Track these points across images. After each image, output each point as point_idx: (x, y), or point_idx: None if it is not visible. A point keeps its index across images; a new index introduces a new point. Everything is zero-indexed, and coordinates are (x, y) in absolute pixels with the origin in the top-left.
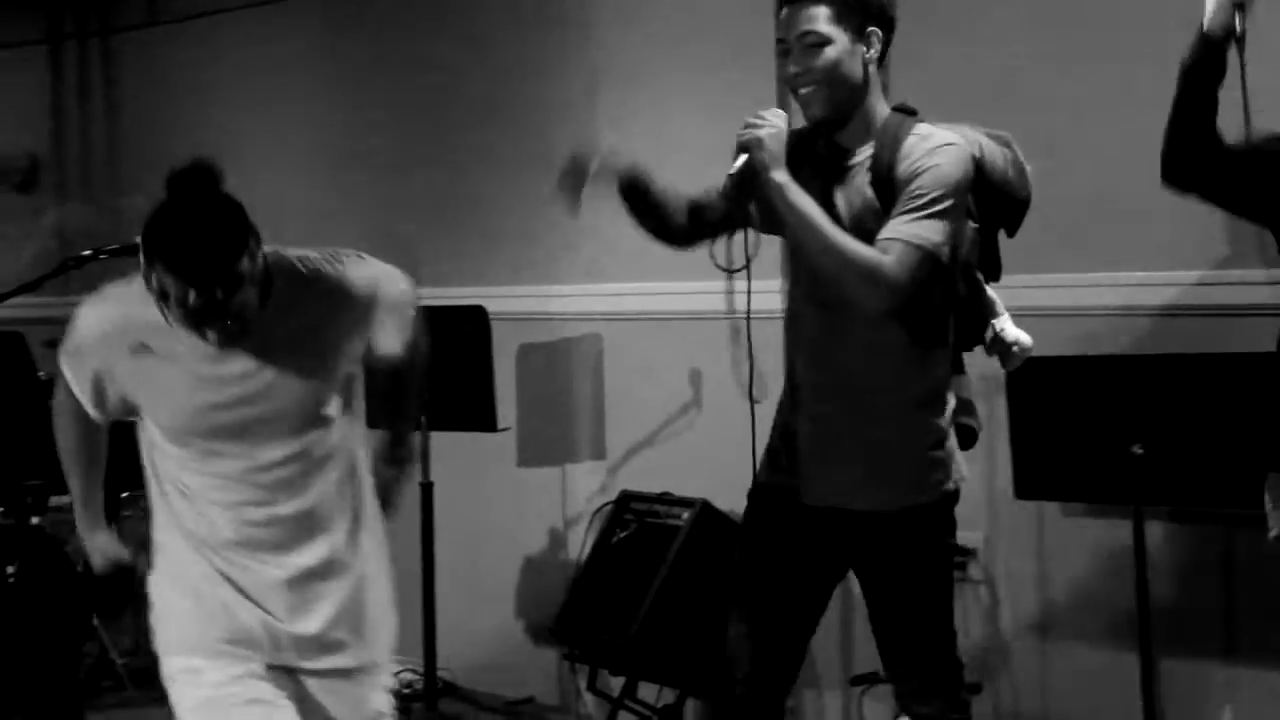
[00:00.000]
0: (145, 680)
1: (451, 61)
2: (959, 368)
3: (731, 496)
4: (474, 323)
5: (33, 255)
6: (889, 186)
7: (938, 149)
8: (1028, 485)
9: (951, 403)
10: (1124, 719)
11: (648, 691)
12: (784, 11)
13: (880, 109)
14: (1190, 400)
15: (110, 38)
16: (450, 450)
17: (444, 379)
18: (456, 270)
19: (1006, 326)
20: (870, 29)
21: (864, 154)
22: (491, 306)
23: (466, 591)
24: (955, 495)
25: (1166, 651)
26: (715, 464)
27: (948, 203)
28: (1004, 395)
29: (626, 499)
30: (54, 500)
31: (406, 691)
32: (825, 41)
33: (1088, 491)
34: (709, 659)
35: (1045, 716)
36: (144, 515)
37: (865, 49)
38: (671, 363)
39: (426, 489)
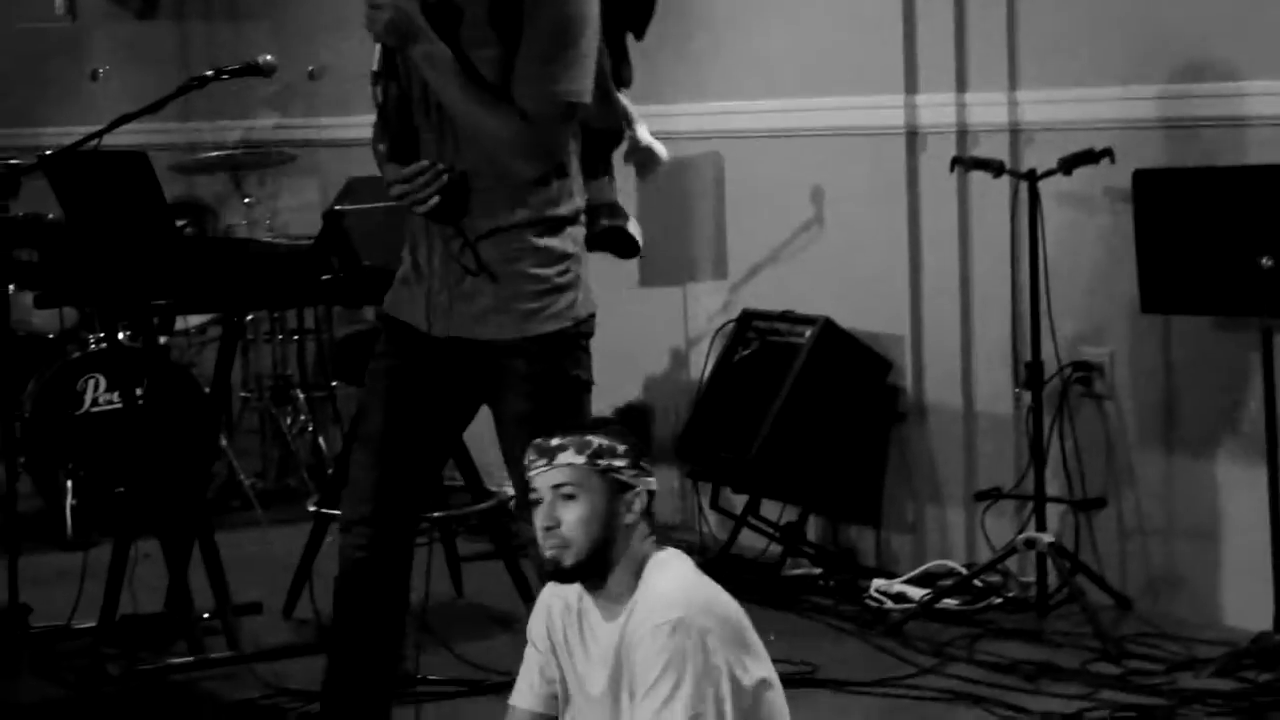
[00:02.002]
0: (271, 500)
1: None
2: (598, 171)
3: (854, 314)
4: None
5: None
6: (513, 15)
7: None
8: (1154, 299)
9: (576, 225)
10: (1250, 532)
11: (770, 509)
12: None
13: None
14: None
15: None
16: None
17: None
18: None
19: (641, 134)
20: None
21: None
22: None
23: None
24: (583, 324)
25: None
26: (837, 282)
27: (584, 36)
28: (1130, 207)
29: (748, 317)
30: (180, 323)
31: None
32: None
33: (1215, 304)
34: (831, 476)
35: (1170, 530)
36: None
37: None
38: (792, 180)
39: None
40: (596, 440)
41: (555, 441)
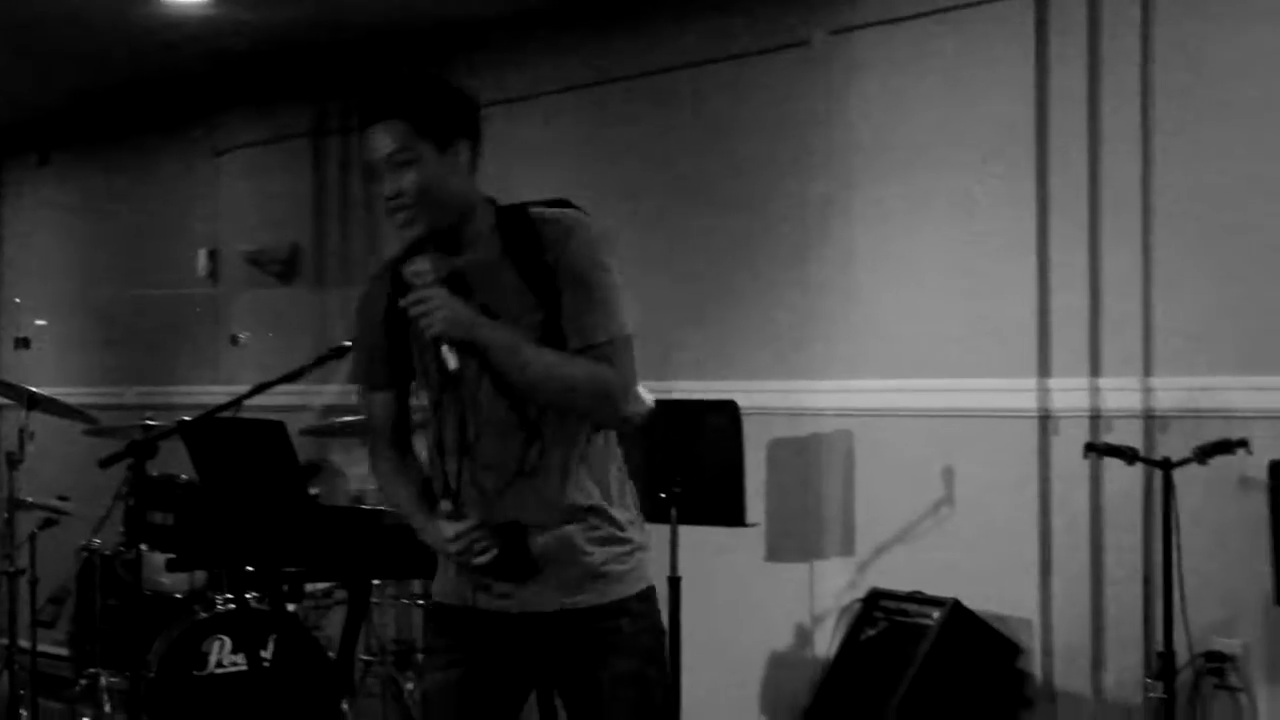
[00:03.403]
0: None
1: (709, 153)
2: None
3: (982, 596)
4: (725, 416)
5: None
6: (544, 275)
7: (574, 228)
8: None
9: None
10: None
11: None
12: (366, 134)
13: (485, 209)
14: None
15: None
16: (698, 544)
17: (694, 472)
18: (708, 363)
19: None
20: (457, 140)
21: (490, 254)
22: (742, 400)
23: (712, 687)
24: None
25: None
26: (966, 563)
27: (616, 273)
28: (1266, 495)
29: (876, 597)
30: (309, 587)
31: None
32: (413, 159)
33: None
34: None
35: None
36: None
37: (456, 159)
38: (922, 460)
39: (674, 583)
40: None
41: None
